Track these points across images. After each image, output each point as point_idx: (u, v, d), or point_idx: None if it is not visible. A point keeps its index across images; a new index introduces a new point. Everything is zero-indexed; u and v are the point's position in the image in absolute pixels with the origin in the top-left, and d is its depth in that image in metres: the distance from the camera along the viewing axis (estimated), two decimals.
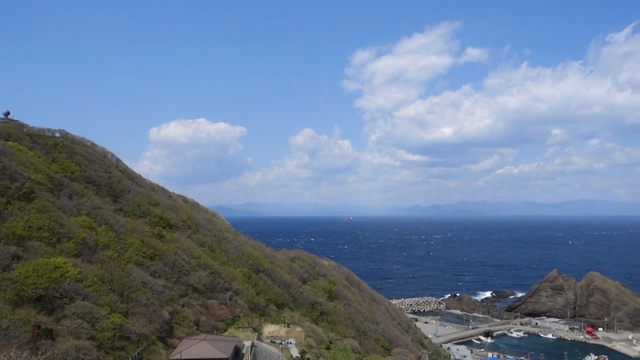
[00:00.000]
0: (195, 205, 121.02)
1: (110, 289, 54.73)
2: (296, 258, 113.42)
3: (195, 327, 63.05)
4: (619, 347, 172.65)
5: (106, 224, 69.06)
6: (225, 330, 67.38)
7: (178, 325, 60.60)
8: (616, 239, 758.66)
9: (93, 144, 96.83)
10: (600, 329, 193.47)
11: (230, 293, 75.88)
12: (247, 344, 61.57)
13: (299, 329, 75.43)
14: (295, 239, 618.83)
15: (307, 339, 71.16)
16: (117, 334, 48.38)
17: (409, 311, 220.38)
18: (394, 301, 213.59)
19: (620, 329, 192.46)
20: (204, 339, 54.31)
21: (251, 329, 69.87)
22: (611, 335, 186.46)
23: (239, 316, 72.81)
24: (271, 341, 67.96)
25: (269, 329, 73.87)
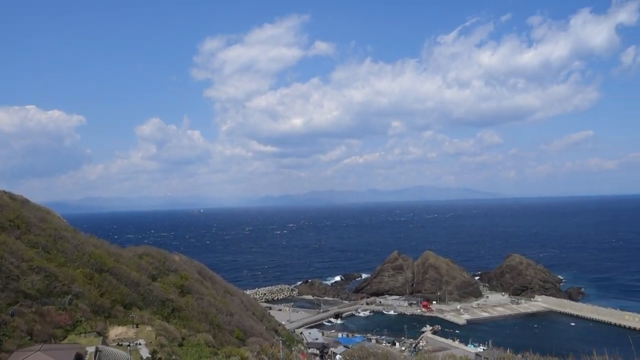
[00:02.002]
0: (25, 202, 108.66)
1: None
2: (144, 254, 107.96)
3: (29, 338, 56.90)
4: (449, 316, 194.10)
5: None
6: (65, 337, 61.89)
7: (7, 337, 54.11)
8: (447, 220, 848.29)
9: None
10: (434, 302, 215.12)
11: (69, 297, 69.75)
12: (91, 349, 57.30)
13: (149, 328, 72.16)
14: (144, 235, 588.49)
15: (158, 338, 68.40)
16: None
17: (263, 300, 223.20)
18: (248, 292, 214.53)
19: (450, 300, 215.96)
20: (39, 350, 49.27)
21: (95, 333, 65.08)
22: (443, 307, 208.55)
23: (81, 321, 67.36)
24: (118, 344, 64.08)
25: (116, 331, 69.52)
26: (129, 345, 63.68)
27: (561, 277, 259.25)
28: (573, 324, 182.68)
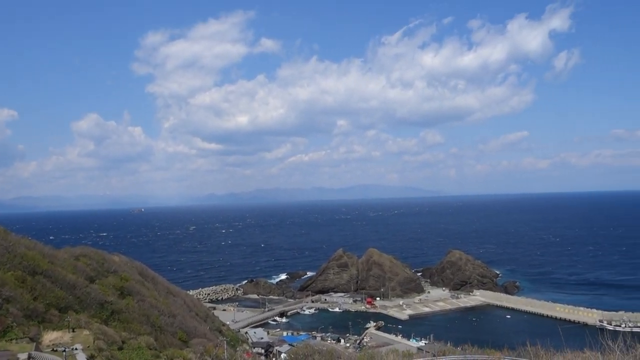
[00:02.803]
0: None
1: None
2: (82, 255, 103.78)
3: None
4: (392, 312, 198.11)
5: None
6: None
7: None
8: (391, 218, 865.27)
9: None
10: (378, 298, 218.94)
11: None
12: (23, 356, 54.51)
13: (86, 332, 69.43)
14: (82, 235, 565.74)
15: (96, 342, 65.94)
16: None
17: (207, 300, 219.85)
18: (191, 292, 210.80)
19: (393, 296, 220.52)
20: None
21: (27, 339, 61.92)
22: (386, 303, 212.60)
23: (12, 326, 63.93)
24: (53, 350, 61.28)
25: (51, 336, 66.43)
26: (64, 351, 61.03)
27: (498, 272, 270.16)
28: (509, 316, 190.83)
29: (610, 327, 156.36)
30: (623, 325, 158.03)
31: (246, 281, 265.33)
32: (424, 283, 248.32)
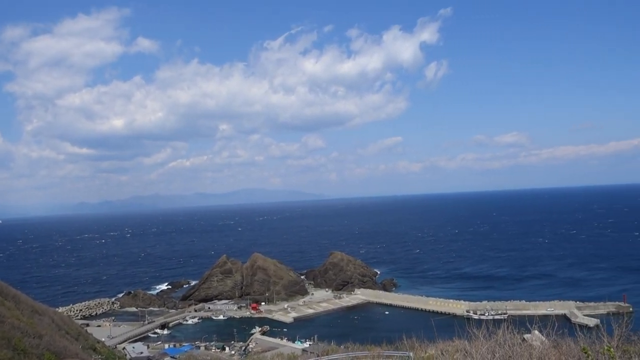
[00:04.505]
0: None
1: None
2: None
3: None
4: (277, 316, 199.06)
5: None
6: None
7: None
8: (275, 222, 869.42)
9: None
10: (263, 303, 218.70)
11: None
12: None
13: None
14: None
15: None
16: None
17: (79, 317, 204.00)
18: (61, 309, 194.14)
19: (278, 300, 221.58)
20: None
21: None
22: (271, 307, 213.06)
23: None
24: None
25: None
26: None
27: (377, 271, 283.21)
28: (387, 312, 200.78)
29: (475, 317, 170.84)
30: (487, 314, 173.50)
31: (123, 294, 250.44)
32: (308, 285, 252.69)
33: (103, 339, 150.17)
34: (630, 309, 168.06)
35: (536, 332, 28.07)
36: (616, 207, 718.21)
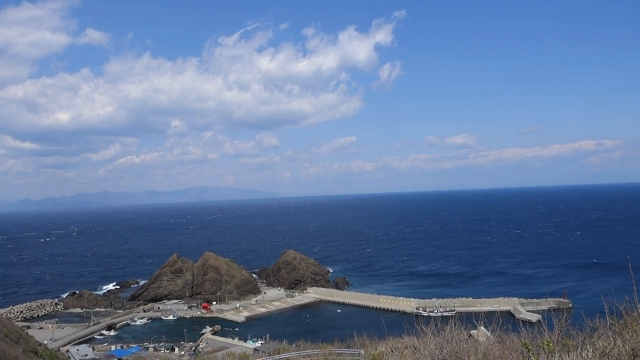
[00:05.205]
0: None
1: None
2: None
3: None
4: (229, 315, 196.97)
5: None
6: None
7: None
8: (228, 220, 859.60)
9: None
10: (215, 302, 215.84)
11: None
12: None
13: None
14: None
15: None
16: None
17: (19, 319, 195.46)
18: (0, 311, 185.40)
19: (230, 299, 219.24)
20: None
21: None
22: (223, 306, 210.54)
23: None
24: None
25: None
26: None
27: (330, 269, 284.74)
28: (339, 310, 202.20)
29: (425, 314, 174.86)
30: (435, 311, 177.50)
31: (68, 294, 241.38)
32: (260, 284, 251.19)
33: (45, 342, 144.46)
34: (570, 305, 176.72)
35: (482, 328, 28.83)
36: (559, 208, 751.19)
